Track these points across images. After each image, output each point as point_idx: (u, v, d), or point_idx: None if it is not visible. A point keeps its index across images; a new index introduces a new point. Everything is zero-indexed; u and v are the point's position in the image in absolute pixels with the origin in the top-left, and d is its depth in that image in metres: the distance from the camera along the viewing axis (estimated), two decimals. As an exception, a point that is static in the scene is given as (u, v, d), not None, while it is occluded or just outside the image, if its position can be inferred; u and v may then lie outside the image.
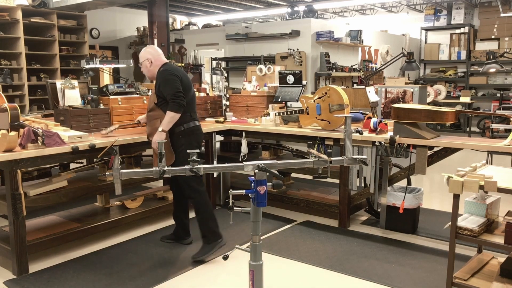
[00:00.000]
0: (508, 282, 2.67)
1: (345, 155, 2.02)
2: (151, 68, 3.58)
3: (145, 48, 3.67)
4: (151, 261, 3.52)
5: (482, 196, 2.88)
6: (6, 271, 3.34)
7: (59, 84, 4.00)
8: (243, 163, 1.93)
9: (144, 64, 3.58)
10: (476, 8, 10.81)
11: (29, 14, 7.80)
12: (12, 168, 3.10)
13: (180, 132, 3.50)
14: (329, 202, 4.52)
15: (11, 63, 7.63)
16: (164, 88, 3.44)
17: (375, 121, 3.93)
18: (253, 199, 1.92)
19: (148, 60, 3.58)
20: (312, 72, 8.10)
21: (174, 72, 3.49)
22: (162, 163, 1.81)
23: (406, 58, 4.62)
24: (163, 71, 3.51)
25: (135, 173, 1.89)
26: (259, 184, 1.88)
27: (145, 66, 3.58)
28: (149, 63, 3.57)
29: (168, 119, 3.39)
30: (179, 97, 3.40)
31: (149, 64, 3.57)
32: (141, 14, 10.32)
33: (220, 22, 12.62)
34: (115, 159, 1.81)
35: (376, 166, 3.97)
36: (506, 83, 10.43)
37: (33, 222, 3.90)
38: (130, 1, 8.13)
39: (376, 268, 3.38)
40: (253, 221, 1.98)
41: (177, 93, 3.40)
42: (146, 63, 3.58)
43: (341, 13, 12.41)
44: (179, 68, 3.68)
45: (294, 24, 8.34)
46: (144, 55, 3.59)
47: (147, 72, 3.61)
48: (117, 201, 4.39)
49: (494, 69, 4.70)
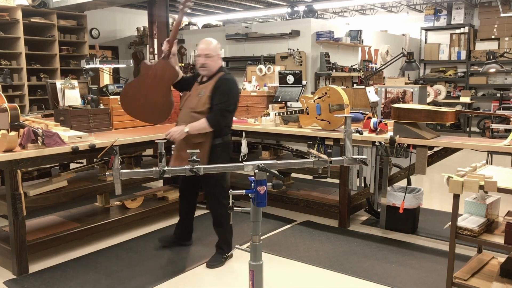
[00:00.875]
0: (508, 282, 2.67)
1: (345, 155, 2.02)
2: (215, 65, 3.35)
3: (214, 40, 3.41)
4: (151, 261, 3.52)
5: (482, 196, 2.88)
6: (6, 271, 3.34)
7: (59, 84, 4.00)
8: (243, 163, 1.93)
9: (213, 59, 3.32)
10: (476, 8, 10.81)
11: (29, 14, 7.80)
12: (12, 168, 3.10)
13: (219, 145, 3.38)
14: (329, 202, 4.52)
15: (11, 63, 7.63)
16: (221, 97, 3.26)
17: (375, 121, 3.93)
18: (253, 199, 1.92)
19: (218, 57, 3.37)
20: (312, 72, 8.10)
21: (236, 85, 3.39)
22: (162, 163, 1.81)
23: (406, 58, 4.62)
24: (228, 79, 3.32)
25: (135, 173, 1.89)
26: (259, 184, 1.88)
27: (212, 61, 3.32)
28: (217, 59, 3.36)
29: (201, 127, 3.26)
30: (225, 115, 3.31)
31: (216, 60, 3.35)
32: (141, 14, 10.32)
33: (220, 22, 12.63)
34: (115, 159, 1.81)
35: (376, 166, 3.97)
36: (506, 83, 10.43)
37: (33, 222, 3.90)
38: (130, 1, 8.13)
39: (376, 268, 3.38)
40: (253, 221, 1.98)
41: (227, 111, 3.30)
42: (216, 58, 3.35)
43: (341, 13, 12.41)
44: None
45: (294, 24, 8.33)
46: (216, 49, 3.35)
47: (210, 67, 3.33)
48: (117, 201, 4.38)
49: (494, 69, 4.70)
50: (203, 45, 3.35)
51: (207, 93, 3.29)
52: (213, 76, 3.35)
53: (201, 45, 3.36)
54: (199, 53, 3.33)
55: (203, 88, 3.33)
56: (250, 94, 5.10)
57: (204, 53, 3.30)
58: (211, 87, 3.28)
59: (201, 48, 3.34)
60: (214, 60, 3.32)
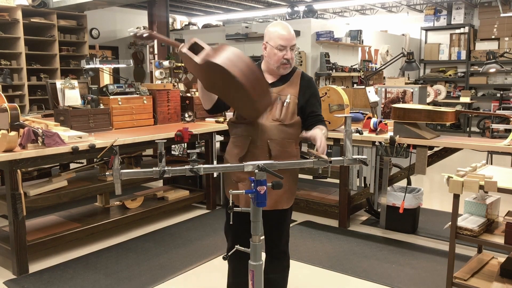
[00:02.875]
0: (508, 282, 2.67)
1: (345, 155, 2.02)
2: (292, 62, 2.36)
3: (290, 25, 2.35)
4: (151, 261, 3.52)
5: (482, 196, 2.88)
6: (6, 271, 3.34)
7: (59, 84, 4.00)
8: (243, 163, 1.93)
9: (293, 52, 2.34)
10: (476, 8, 10.80)
11: (29, 14, 7.80)
12: (12, 168, 3.10)
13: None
14: (329, 202, 4.51)
15: (11, 63, 7.63)
16: (317, 103, 2.42)
17: (375, 121, 3.93)
18: (253, 199, 1.92)
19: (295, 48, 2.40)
20: (312, 72, 8.10)
21: None
22: (162, 163, 1.81)
23: (406, 58, 4.62)
24: (311, 78, 2.46)
25: (135, 173, 1.89)
26: (259, 184, 1.88)
27: (291, 55, 2.32)
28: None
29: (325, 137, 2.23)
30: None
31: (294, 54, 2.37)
32: (141, 14, 10.31)
33: (220, 22, 12.62)
34: (115, 159, 1.81)
35: (376, 166, 3.97)
36: (506, 83, 10.43)
37: (33, 222, 3.90)
38: (130, 1, 8.13)
39: (376, 268, 3.38)
40: (253, 221, 1.97)
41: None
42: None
43: (341, 13, 12.41)
44: None
45: (294, 24, 8.31)
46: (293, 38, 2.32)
47: (292, 64, 2.36)
48: (117, 201, 4.39)
49: (494, 69, 4.70)
50: (286, 32, 2.27)
51: (293, 99, 2.32)
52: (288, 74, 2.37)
53: (282, 31, 2.27)
54: (282, 44, 2.26)
55: (281, 92, 2.33)
56: (250, 94, 5.08)
57: (291, 43, 2.28)
58: (296, 90, 2.34)
59: (286, 36, 2.26)
60: (292, 54, 2.32)
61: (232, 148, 2.38)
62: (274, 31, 2.27)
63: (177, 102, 4.80)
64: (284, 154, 2.25)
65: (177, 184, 5.18)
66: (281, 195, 2.33)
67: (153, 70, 5.31)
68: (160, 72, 5.20)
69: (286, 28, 2.28)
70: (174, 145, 5.53)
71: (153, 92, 4.61)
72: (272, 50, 2.28)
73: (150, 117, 4.52)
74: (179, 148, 5.68)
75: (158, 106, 4.59)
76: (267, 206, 2.23)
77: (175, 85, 5.19)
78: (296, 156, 2.35)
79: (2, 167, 3.11)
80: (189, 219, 4.52)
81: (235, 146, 2.35)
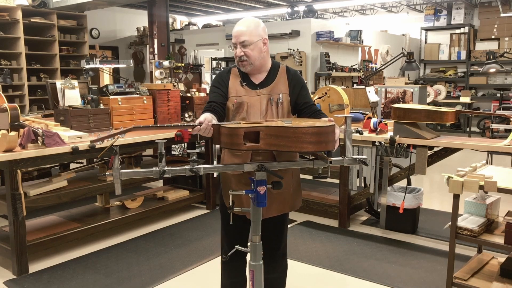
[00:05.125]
0: (508, 282, 2.67)
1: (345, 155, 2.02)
2: (265, 55, 2.24)
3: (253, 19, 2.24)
4: (151, 261, 3.52)
5: (482, 196, 2.88)
6: (6, 271, 3.34)
7: (59, 84, 4.00)
8: (243, 163, 1.93)
9: (256, 46, 2.18)
10: (476, 8, 10.80)
11: (29, 14, 7.80)
12: (12, 168, 3.10)
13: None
14: (329, 202, 4.51)
15: (11, 63, 7.63)
16: (306, 92, 2.36)
17: (375, 121, 3.93)
18: (253, 199, 1.92)
19: (263, 41, 2.22)
20: (312, 72, 8.10)
21: None
22: (162, 163, 1.81)
23: (406, 58, 4.62)
24: (296, 71, 2.38)
25: (135, 173, 1.89)
26: (259, 184, 1.88)
27: (258, 50, 2.19)
28: (263, 46, 2.22)
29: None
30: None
31: (264, 47, 2.23)
32: (141, 14, 10.32)
33: (220, 22, 12.62)
34: (115, 159, 1.81)
35: (376, 166, 3.97)
36: (506, 83, 10.43)
37: (33, 222, 3.90)
38: (130, 1, 8.13)
39: (376, 268, 3.38)
40: (253, 221, 1.98)
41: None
42: (260, 44, 2.20)
43: (341, 13, 12.41)
44: None
45: (294, 24, 8.34)
46: (257, 32, 2.19)
47: (259, 59, 2.21)
48: (117, 201, 4.39)
49: (494, 69, 4.70)
50: (235, 29, 2.22)
51: (285, 97, 2.26)
52: (273, 71, 2.29)
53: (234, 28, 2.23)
54: (232, 42, 2.23)
55: (272, 92, 2.25)
56: (250, 94, 5.09)
57: (239, 40, 2.18)
58: (286, 86, 2.27)
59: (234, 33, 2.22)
60: (258, 48, 2.19)
61: (231, 158, 2.28)
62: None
63: (177, 102, 4.79)
64: (288, 156, 2.17)
65: (177, 184, 5.18)
66: (291, 197, 2.32)
67: (153, 70, 5.31)
68: (160, 72, 5.19)
69: (237, 25, 2.22)
70: (174, 145, 5.53)
71: (153, 92, 4.61)
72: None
73: (150, 117, 4.52)
74: (179, 148, 5.69)
75: (158, 106, 4.59)
76: (277, 211, 2.27)
77: (175, 85, 5.19)
78: (296, 155, 2.25)
79: (2, 167, 3.11)
80: (189, 219, 4.53)
81: (235, 156, 2.25)
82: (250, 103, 2.22)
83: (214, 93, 2.28)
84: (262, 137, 1.81)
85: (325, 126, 1.78)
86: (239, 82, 2.25)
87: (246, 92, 2.23)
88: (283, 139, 1.76)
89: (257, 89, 2.24)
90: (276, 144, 1.79)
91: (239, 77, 2.26)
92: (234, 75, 2.27)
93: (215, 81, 2.32)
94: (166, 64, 5.22)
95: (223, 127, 1.85)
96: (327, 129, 1.78)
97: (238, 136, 1.80)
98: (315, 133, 1.75)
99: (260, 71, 2.26)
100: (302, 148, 1.75)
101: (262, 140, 1.81)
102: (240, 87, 2.24)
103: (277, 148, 1.80)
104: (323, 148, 1.78)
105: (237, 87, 2.24)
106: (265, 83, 2.26)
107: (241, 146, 1.80)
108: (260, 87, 2.25)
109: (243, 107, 2.21)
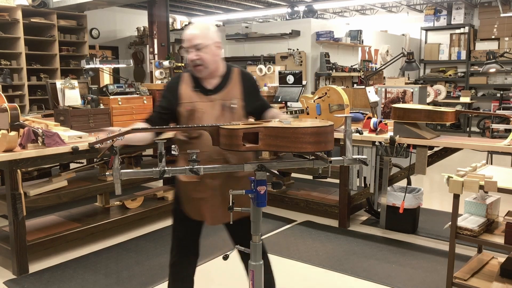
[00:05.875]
0: (508, 282, 2.67)
1: (345, 155, 2.02)
2: (218, 59, 2.21)
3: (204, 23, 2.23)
4: (151, 261, 3.52)
5: (482, 196, 2.88)
6: (6, 271, 3.34)
7: (59, 84, 4.00)
8: (243, 163, 1.92)
9: (210, 50, 2.14)
10: (476, 8, 10.81)
11: (29, 14, 7.81)
12: (12, 168, 3.10)
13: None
14: (329, 202, 4.51)
15: (11, 63, 7.63)
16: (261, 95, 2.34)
17: (375, 121, 3.93)
18: (253, 199, 1.92)
19: (216, 45, 2.18)
20: (312, 72, 8.10)
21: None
22: (162, 163, 1.81)
23: (406, 58, 4.62)
24: (249, 74, 2.33)
25: (135, 173, 1.89)
26: (259, 184, 1.88)
27: (211, 53, 2.15)
28: (217, 50, 2.19)
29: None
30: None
31: (218, 51, 2.19)
32: (141, 14, 10.32)
33: (220, 22, 12.62)
34: (115, 159, 1.81)
35: (376, 166, 3.97)
36: (506, 83, 10.43)
37: (33, 222, 3.90)
38: (130, 1, 8.14)
39: (376, 268, 3.38)
40: (253, 221, 1.98)
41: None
42: (214, 48, 2.16)
43: (341, 13, 12.41)
44: None
45: (294, 24, 8.33)
46: (210, 35, 2.15)
47: (213, 62, 2.16)
48: (117, 201, 4.39)
49: (494, 69, 4.70)
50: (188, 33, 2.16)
51: (239, 102, 2.20)
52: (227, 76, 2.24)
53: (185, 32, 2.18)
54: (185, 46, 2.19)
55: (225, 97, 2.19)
56: (250, 94, 5.09)
57: (192, 43, 2.13)
58: (240, 90, 2.22)
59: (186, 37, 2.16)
60: (212, 52, 2.15)
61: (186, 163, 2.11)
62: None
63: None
64: (242, 161, 2.12)
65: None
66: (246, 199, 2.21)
67: (153, 70, 5.31)
68: (160, 72, 5.20)
69: (189, 29, 2.16)
70: (174, 145, 5.52)
71: (153, 92, 4.61)
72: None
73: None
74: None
75: (158, 106, 4.59)
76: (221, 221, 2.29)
77: (175, 85, 5.18)
78: (252, 158, 2.27)
79: (2, 167, 3.11)
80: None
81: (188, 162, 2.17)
82: (203, 109, 2.17)
83: (160, 101, 2.26)
84: (261, 138, 1.81)
85: (325, 126, 1.78)
86: (191, 88, 2.19)
87: (199, 98, 2.18)
88: (282, 139, 1.77)
89: (210, 95, 2.18)
90: (275, 144, 1.79)
91: (191, 83, 2.20)
92: (186, 82, 2.22)
93: (165, 88, 2.30)
94: (166, 64, 5.22)
95: (222, 128, 1.85)
96: (327, 129, 1.79)
97: (237, 137, 1.79)
98: (314, 133, 1.75)
99: (214, 76, 2.21)
100: (301, 148, 1.75)
101: (261, 141, 1.81)
102: (193, 93, 2.18)
103: (276, 149, 1.81)
104: (322, 148, 1.79)
105: (189, 93, 2.19)
106: (218, 88, 2.21)
107: (240, 147, 1.80)
108: (213, 92, 2.20)
109: (195, 113, 2.17)
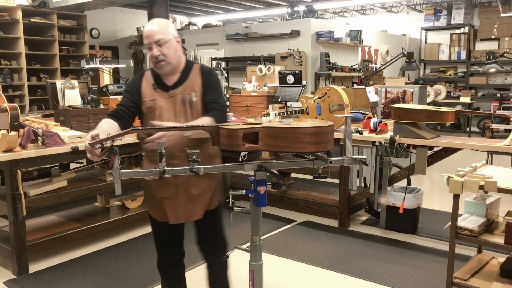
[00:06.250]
0: (508, 282, 2.67)
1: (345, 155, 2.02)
2: (180, 53, 2.21)
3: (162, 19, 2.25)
4: (151, 261, 3.51)
5: (482, 196, 2.87)
6: (6, 271, 3.34)
7: (59, 84, 4.00)
8: (243, 163, 1.92)
9: (171, 45, 2.14)
10: (476, 8, 10.81)
11: (29, 14, 7.81)
12: (12, 168, 3.10)
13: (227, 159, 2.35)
14: (329, 202, 4.51)
15: (11, 63, 7.63)
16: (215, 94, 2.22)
17: (375, 121, 3.93)
18: (253, 199, 1.92)
19: (176, 40, 2.19)
20: (312, 72, 8.10)
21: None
22: (162, 163, 1.81)
23: (406, 58, 4.61)
24: (210, 69, 2.32)
25: (135, 173, 1.89)
26: (259, 184, 1.88)
27: (173, 48, 2.15)
28: (178, 44, 2.19)
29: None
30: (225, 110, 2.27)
31: (178, 46, 2.20)
32: (141, 14, 10.32)
33: (220, 22, 12.62)
34: (115, 159, 1.81)
35: (376, 166, 3.97)
36: (506, 83, 10.43)
37: (33, 222, 3.90)
38: (130, 1, 8.14)
39: (376, 268, 3.38)
40: (253, 221, 1.98)
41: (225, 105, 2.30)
42: (175, 43, 2.17)
43: (341, 13, 12.41)
44: None
45: (294, 24, 8.33)
46: (170, 30, 2.14)
47: (175, 57, 2.16)
48: (117, 201, 4.39)
49: (494, 69, 4.70)
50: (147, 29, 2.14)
51: (199, 95, 2.19)
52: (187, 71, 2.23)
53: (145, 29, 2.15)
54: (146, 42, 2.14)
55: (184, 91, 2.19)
56: (250, 94, 5.10)
57: (154, 39, 2.11)
58: (199, 84, 2.20)
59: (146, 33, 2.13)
60: (173, 46, 2.15)
61: (149, 165, 2.30)
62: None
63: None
64: (205, 156, 2.16)
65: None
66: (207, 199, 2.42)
67: (153, 70, 5.30)
68: (160, 72, 5.19)
69: (148, 25, 2.15)
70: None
71: (153, 92, 4.61)
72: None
73: (150, 117, 4.52)
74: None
75: (158, 106, 4.59)
76: (199, 214, 2.44)
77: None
78: (217, 154, 2.30)
79: (2, 167, 3.11)
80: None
81: (152, 162, 2.25)
82: (163, 106, 2.18)
83: (124, 98, 2.27)
84: (261, 138, 1.81)
85: (324, 126, 1.79)
86: (152, 86, 2.21)
87: (159, 95, 2.19)
88: (282, 139, 1.77)
89: (169, 91, 2.19)
90: (275, 144, 1.80)
91: (152, 81, 2.22)
92: (147, 79, 2.23)
93: (127, 86, 2.31)
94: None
95: (222, 128, 1.85)
96: (326, 129, 1.79)
97: (237, 137, 1.80)
98: (314, 133, 1.75)
99: (175, 72, 2.21)
100: (301, 148, 1.76)
101: (261, 141, 1.82)
102: (153, 91, 2.20)
103: (276, 149, 1.82)
104: (322, 148, 1.80)
105: (150, 91, 2.20)
106: (178, 83, 2.21)
107: (240, 147, 1.81)
108: (173, 88, 2.20)
109: (155, 111, 2.18)
